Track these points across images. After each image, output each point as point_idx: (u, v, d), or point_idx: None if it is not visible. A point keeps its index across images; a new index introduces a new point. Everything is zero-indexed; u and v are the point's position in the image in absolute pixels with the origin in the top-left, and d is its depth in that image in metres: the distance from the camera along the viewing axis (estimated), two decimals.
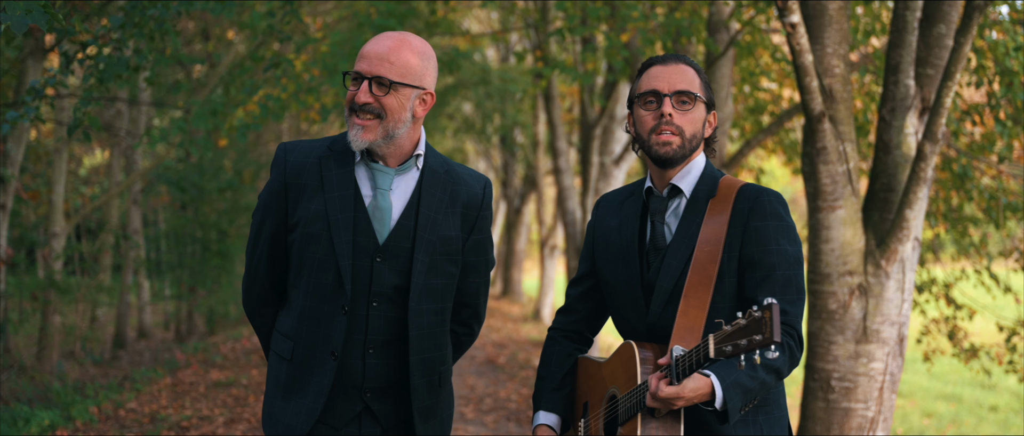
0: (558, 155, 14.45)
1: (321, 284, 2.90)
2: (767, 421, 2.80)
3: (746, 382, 2.61)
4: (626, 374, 2.76)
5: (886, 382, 5.55)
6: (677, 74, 2.84)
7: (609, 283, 2.95)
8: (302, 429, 2.91)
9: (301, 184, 2.93)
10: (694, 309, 2.72)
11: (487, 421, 8.68)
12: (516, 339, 15.77)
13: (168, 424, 8.05)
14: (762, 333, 2.38)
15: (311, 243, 2.90)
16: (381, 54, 2.85)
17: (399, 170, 2.96)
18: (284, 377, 2.97)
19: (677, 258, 2.80)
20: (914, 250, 5.56)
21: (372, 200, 2.93)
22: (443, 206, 2.98)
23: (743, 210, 2.79)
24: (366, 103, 2.84)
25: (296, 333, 2.94)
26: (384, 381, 2.96)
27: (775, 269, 2.74)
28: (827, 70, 5.42)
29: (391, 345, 2.95)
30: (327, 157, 2.95)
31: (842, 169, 5.43)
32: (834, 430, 5.53)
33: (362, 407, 2.96)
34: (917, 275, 10.77)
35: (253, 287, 3.05)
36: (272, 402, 3.00)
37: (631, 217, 2.93)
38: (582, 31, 9.80)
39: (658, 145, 2.82)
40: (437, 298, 2.99)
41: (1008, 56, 6.89)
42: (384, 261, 2.92)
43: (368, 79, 2.85)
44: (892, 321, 5.52)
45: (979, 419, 13.42)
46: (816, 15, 5.46)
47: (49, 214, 11.95)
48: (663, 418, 2.66)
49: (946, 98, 5.32)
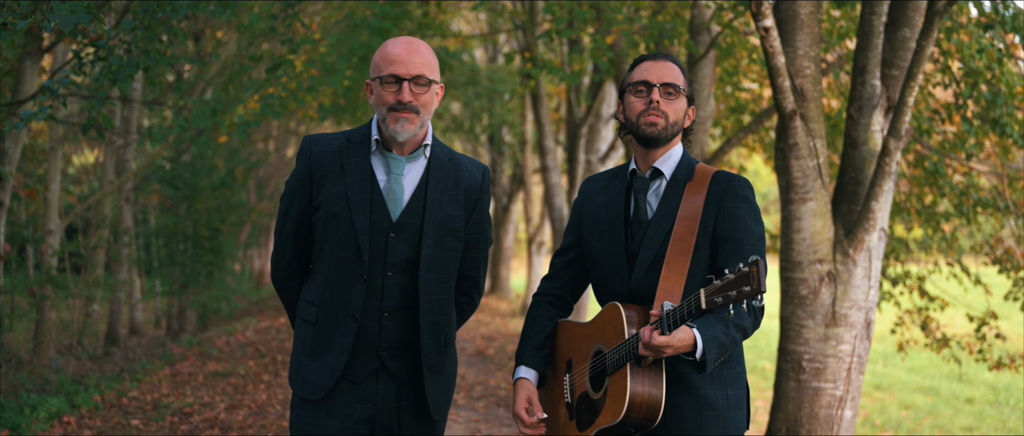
0: (545, 153, 14.64)
1: (343, 257, 3.28)
2: (730, 375, 3.21)
3: (721, 337, 3.02)
4: (613, 331, 3.14)
5: (854, 363, 5.87)
6: (665, 69, 3.27)
7: (594, 252, 3.33)
8: (327, 383, 3.28)
9: (324, 170, 3.32)
10: (674, 275, 3.11)
11: (478, 406, 9.03)
12: (504, 332, 16.05)
13: (171, 411, 8.35)
14: (750, 285, 2.79)
15: (333, 221, 3.28)
16: (411, 57, 3.25)
17: (410, 158, 3.34)
18: (310, 339, 3.33)
19: (659, 230, 3.20)
20: (880, 240, 5.89)
21: (386, 183, 3.31)
22: (448, 189, 3.36)
23: (718, 192, 3.21)
24: (409, 101, 3.24)
25: (321, 300, 3.31)
26: (397, 341, 3.32)
27: (743, 244, 3.16)
28: (799, 71, 5.74)
29: (404, 310, 3.32)
30: (346, 147, 3.34)
31: (812, 164, 5.74)
32: (805, 408, 5.84)
33: (378, 364, 3.32)
34: (892, 269, 11.14)
35: (281, 262, 3.44)
36: (299, 361, 3.36)
37: (617, 194, 3.33)
38: (569, 33, 10.07)
39: (646, 125, 3.24)
40: (443, 269, 3.37)
41: (972, 58, 7.21)
42: (397, 236, 3.30)
43: (407, 80, 3.23)
44: (859, 306, 5.85)
45: (955, 411, 13.55)
46: (788, 19, 5.78)
47: (45, 212, 12.09)
48: (648, 367, 3.05)
49: (909, 97, 5.67)
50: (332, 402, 3.31)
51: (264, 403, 8.79)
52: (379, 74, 3.28)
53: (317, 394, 3.30)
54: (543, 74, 11.70)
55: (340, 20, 12.85)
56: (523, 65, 14.03)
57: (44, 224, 12.06)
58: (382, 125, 3.30)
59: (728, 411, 3.18)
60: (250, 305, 22.14)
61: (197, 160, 15.60)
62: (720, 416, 3.17)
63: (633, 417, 3.06)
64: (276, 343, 13.38)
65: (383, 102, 3.26)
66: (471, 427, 8.10)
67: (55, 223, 11.96)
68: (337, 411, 3.31)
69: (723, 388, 3.19)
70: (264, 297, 24.05)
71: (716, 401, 3.16)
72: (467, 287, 3.55)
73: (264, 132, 19.07)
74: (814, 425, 5.84)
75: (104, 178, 14.61)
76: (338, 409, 3.32)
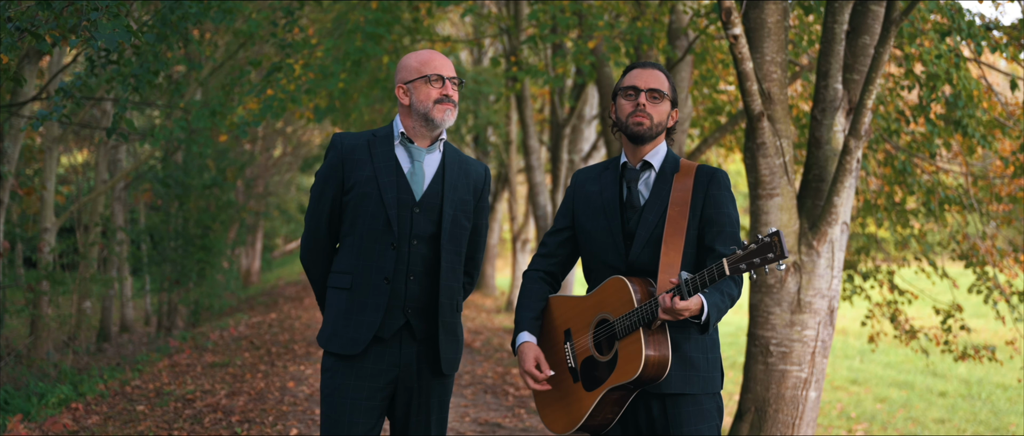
0: (530, 153, 15.01)
1: (374, 228, 3.83)
2: (709, 342, 3.75)
3: (719, 305, 3.56)
4: (619, 301, 3.64)
5: (817, 347, 6.27)
6: (652, 76, 3.79)
7: (590, 232, 3.83)
8: (365, 339, 3.80)
9: (354, 159, 3.88)
10: (672, 251, 3.64)
11: (466, 393, 9.45)
12: (490, 327, 16.42)
13: (174, 397, 8.72)
14: (774, 252, 3.33)
15: (365, 200, 3.84)
16: (446, 62, 3.89)
17: (428, 149, 3.93)
18: (344, 304, 3.86)
19: (653, 213, 3.71)
20: (842, 232, 6.28)
21: (410, 169, 3.89)
22: (461, 177, 3.96)
23: (703, 181, 3.74)
24: (453, 95, 3.87)
25: (354, 267, 3.85)
26: (420, 302, 3.87)
27: (725, 226, 3.70)
28: (766, 75, 6.15)
29: (426, 275, 3.88)
30: (373, 140, 3.93)
31: (779, 162, 6.14)
32: (772, 389, 6.24)
33: (404, 322, 3.86)
34: (863, 264, 11.57)
35: (313, 240, 3.97)
36: (335, 324, 3.87)
37: (610, 183, 3.84)
38: (552, 38, 10.43)
39: (634, 125, 3.74)
40: (458, 242, 3.94)
41: (932, 63, 7.61)
42: (421, 212, 3.86)
43: (447, 79, 3.86)
44: (823, 294, 6.25)
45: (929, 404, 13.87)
46: (756, 27, 6.19)
47: (41, 210, 12.35)
48: (656, 331, 3.57)
49: (868, 100, 6.08)
50: (363, 363, 3.83)
51: (263, 390, 9.17)
52: (421, 75, 3.86)
53: (356, 348, 3.81)
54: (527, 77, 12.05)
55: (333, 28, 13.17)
56: (508, 69, 14.34)
57: (41, 222, 12.31)
58: (426, 117, 3.87)
59: (708, 372, 3.70)
60: (239, 302, 22.42)
61: (189, 160, 15.89)
62: (701, 375, 3.68)
63: (647, 374, 3.56)
64: (269, 336, 13.72)
65: (428, 97, 3.85)
66: (460, 411, 8.52)
67: (51, 221, 12.19)
68: (367, 372, 3.83)
69: (704, 352, 3.70)
70: (253, 295, 24.34)
71: (698, 363, 3.68)
72: (469, 268, 4.10)
73: (253, 133, 19.36)
74: (781, 405, 6.24)
75: (97, 177, 14.78)
76: (367, 369, 3.83)
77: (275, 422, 7.79)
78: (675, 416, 3.67)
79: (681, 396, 3.67)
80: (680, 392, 3.66)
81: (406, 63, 3.92)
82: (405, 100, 3.91)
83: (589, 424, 3.74)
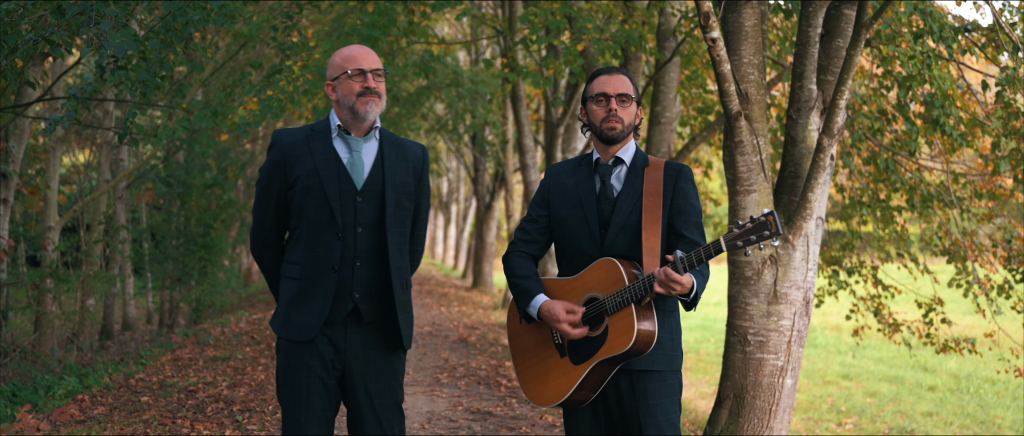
0: (525, 152, 15.23)
1: (319, 219, 4.05)
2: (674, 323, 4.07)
3: (701, 283, 3.88)
4: (609, 280, 3.93)
5: (793, 337, 6.50)
6: (619, 81, 4.06)
7: (566, 221, 4.11)
8: (316, 325, 4.04)
9: (295, 154, 4.09)
10: (652, 237, 3.95)
11: (460, 385, 9.72)
12: (486, 322, 16.62)
13: (177, 389, 9.00)
14: (770, 229, 3.66)
15: (309, 193, 4.05)
16: (368, 55, 4.08)
17: (364, 139, 4.14)
18: (295, 292, 4.09)
19: (628, 202, 4.02)
20: (817, 227, 6.51)
21: (349, 159, 4.10)
22: (399, 161, 4.17)
23: (672, 175, 4.05)
24: (375, 87, 4.05)
25: (304, 258, 4.08)
26: (368, 287, 4.10)
27: (692, 216, 4.03)
28: (744, 76, 6.38)
29: (372, 260, 4.10)
30: (311, 135, 4.14)
31: (756, 159, 6.35)
32: (750, 377, 6.45)
33: (352, 306, 4.09)
34: (848, 259, 11.84)
35: (261, 234, 4.20)
36: (287, 312, 4.11)
37: (585, 177, 4.14)
38: (545, 41, 10.68)
39: (608, 129, 4.04)
40: (401, 224, 4.16)
41: (907, 64, 7.86)
42: (363, 201, 4.08)
43: (369, 71, 4.04)
44: (798, 286, 6.48)
45: (918, 398, 14.06)
46: (734, 30, 6.41)
47: (44, 209, 12.53)
48: (645, 307, 3.88)
49: (841, 100, 6.32)
50: (313, 345, 4.07)
51: (263, 381, 9.45)
52: (343, 71, 4.06)
53: (308, 335, 4.04)
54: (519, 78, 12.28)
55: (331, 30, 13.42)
56: (502, 69, 14.57)
57: (44, 221, 12.51)
58: (352, 110, 4.07)
59: (672, 351, 4.04)
60: (240, 300, 22.64)
61: (191, 159, 16.12)
62: (666, 354, 4.01)
63: (637, 347, 3.86)
64: (269, 332, 13.95)
65: (351, 91, 4.06)
66: (454, 401, 8.80)
67: (54, 220, 12.38)
68: (316, 352, 4.07)
69: (670, 333, 4.03)
70: (254, 293, 24.55)
71: (665, 342, 4.00)
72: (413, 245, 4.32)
73: (253, 133, 19.61)
74: (758, 391, 6.47)
75: (100, 177, 14.93)
76: (317, 351, 4.08)
77: (274, 410, 8.06)
78: (642, 390, 3.99)
79: (648, 372, 3.99)
80: (647, 368, 3.99)
81: (332, 61, 4.14)
82: (334, 96, 4.13)
83: (573, 398, 4.02)
